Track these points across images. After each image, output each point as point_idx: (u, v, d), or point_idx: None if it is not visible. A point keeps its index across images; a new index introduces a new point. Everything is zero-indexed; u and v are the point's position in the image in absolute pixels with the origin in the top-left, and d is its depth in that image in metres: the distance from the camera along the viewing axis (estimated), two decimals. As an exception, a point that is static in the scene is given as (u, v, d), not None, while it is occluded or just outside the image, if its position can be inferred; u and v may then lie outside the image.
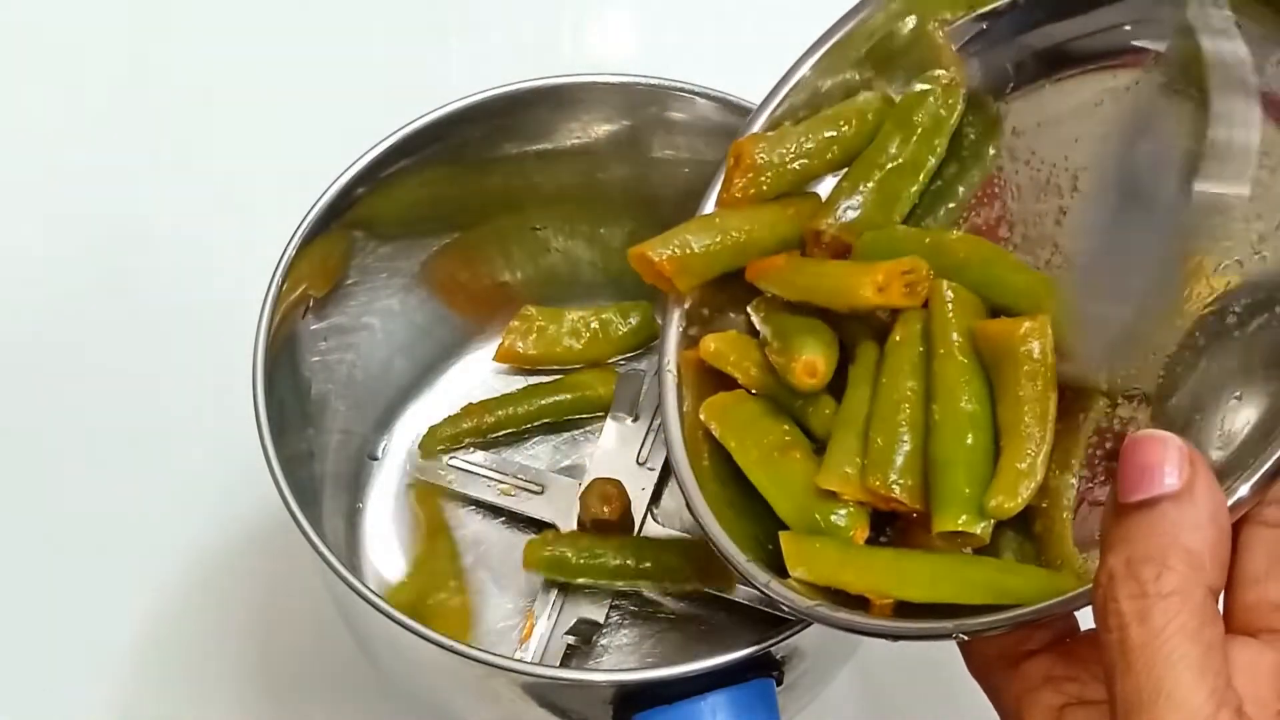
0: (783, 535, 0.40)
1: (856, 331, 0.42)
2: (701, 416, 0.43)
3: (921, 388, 0.39)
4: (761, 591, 0.39)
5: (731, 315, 0.45)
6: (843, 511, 0.39)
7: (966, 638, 0.36)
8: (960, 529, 0.37)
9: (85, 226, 0.64)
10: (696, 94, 0.50)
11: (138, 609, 0.54)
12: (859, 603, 0.38)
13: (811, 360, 0.40)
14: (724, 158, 0.45)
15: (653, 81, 0.50)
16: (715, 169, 0.46)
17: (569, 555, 0.48)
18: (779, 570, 0.40)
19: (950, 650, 0.38)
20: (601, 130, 0.52)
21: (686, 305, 0.45)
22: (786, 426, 0.42)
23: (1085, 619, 0.33)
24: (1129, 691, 0.29)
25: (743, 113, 0.49)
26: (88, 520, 0.56)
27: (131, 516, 0.56)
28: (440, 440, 0.53)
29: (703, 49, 0.69)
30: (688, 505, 0.42)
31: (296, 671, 0.53)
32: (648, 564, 0.48)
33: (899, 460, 0.38)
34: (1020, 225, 0.42)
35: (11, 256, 0.63)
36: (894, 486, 0.38)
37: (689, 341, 0.44)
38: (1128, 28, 0.40)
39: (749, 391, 0.43)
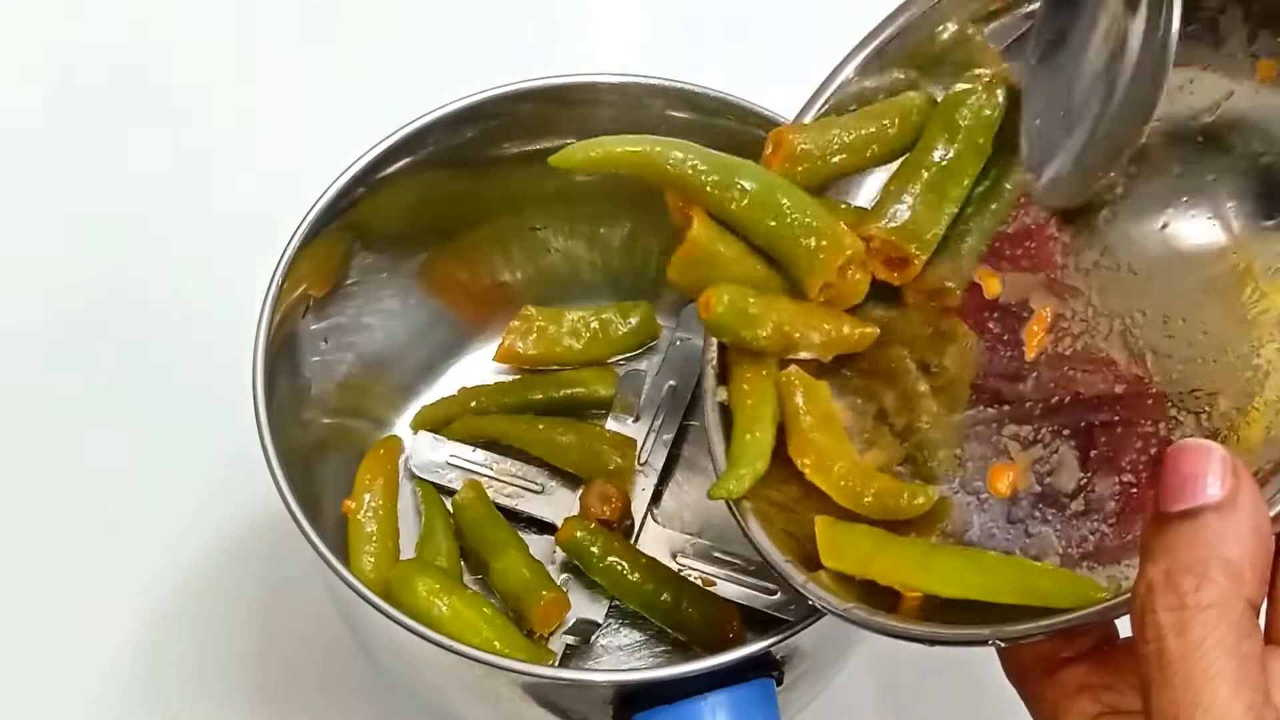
0: (818, 521, 0.40)
1: None
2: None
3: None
4: (799, 591, 0.39)
5: None
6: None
7: (1003, 644, 0.36)
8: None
9: (85, 228, 0.64)
10: (696, 94, 0.49)
11: (138, 609, 0.54)
12: (890, 595, 0.38)
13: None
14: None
15: (653, 81, 0.50)
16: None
17: (595, 553, 0.48)
18: (810, 567, 0.40)
19: (958, 652, 0.37)
20: (602, 130, 0.51)
21: None
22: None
23: (1124, 627, 0.33)
24: (1165, 705, 0.29)
25: (743, 113, 0.49)
26: (88, 520, 0.56)
27: (132, 516, 0.56)
28: (431, 420, 0.54)
29: (703, 49, 0.69)
30: (729, 505, 0.41)
31: (296, 671, 0.53)
32: (660, 603, 0.48)
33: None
34: (1070, 224, 0.41)
35: (12, 257, 0.63)
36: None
37: None
38: None
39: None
